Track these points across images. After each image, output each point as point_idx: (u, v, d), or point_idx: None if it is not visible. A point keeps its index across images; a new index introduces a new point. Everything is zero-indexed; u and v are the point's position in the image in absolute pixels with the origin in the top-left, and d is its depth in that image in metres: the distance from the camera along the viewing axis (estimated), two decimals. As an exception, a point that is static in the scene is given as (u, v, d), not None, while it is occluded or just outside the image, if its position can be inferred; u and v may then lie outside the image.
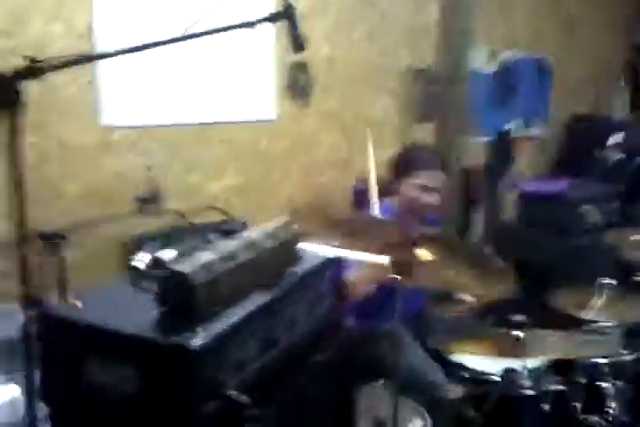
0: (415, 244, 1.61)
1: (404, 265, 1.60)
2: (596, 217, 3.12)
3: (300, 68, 2.74)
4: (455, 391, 1.79)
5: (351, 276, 1.77)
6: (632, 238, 2.46)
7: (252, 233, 1.39)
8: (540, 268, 2.93)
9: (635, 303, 2.26)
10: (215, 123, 2.42)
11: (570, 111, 4.52)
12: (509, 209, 3.58)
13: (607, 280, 2.31)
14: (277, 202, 2.70)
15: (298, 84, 2.74)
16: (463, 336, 2.10)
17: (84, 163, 2.06)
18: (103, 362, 1.15)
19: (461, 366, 1.95)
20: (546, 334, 1.82)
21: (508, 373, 1.71)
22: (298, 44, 1.58)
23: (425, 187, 2.10)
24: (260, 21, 1.52)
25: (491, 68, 3.87)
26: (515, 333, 1.77)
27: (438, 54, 3.52)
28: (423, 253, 1.61)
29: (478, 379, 1.85)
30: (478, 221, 3.45)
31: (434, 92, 3.49)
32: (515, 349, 1.76)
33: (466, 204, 3.52)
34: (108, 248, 2.00)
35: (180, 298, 1.16)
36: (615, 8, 4.80)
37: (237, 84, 2.49)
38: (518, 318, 1.73)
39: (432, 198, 2.11)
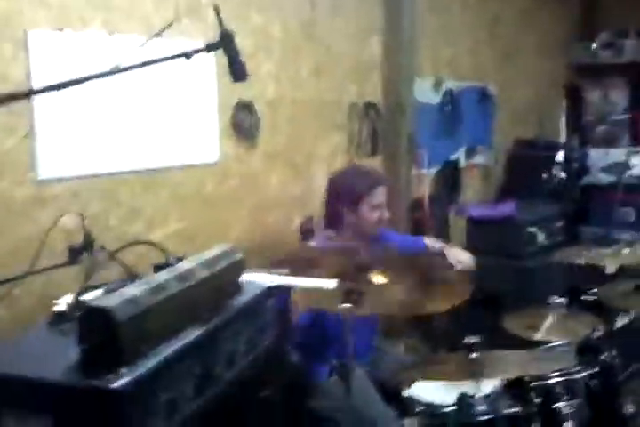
0: (368, 269, 1.63)
1: (357, 293, 1.60)
2: (543, 238, 3.20)
3: (245, 107, 2.75)
4: (411, 425, 1.80)
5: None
6: (588, 252, 2.51)
7: (187, 263, 1.31)
8: (492, 292, 2.97)
9: (585, 321, 2.31)
10: (157, 168, 2.39)
11: (515, 136, 4.64)
12: (459, 236, 3.64)
13: (557, 300, 2.36)
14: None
15: (243, 125, 2.74)
16: (417, 364, 2.13)
17: (16, 217, 2.01)
18: (19, 415, 1.06)
19: (414, 399, 1.96)
20: (500, 355, 1.83)
21: (463, 399, 1.71)
22: (238, 73, 1.50)
23: (381, 204, 2.27)
24: (196, 51, 1.46)
25: (436, 98, 3.95)
26: (469, 355, 1.76)
27: (384, 88, 3.60)
28: (377, 278, 1.61)
29: (433, 410, 1.85)
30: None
31: (381, 125, 3.56)
32: (470, 371, 1.75)
33: (417, 233, 3.56)
34: (40, 303, 1.94)
35: (102, 337, 1.06)
36: (551, 33, 4.99)
37: (179, 126, 2.47)
38: (472, 339, 1.73)
39: (387, 214, 2.30)
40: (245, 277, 1.42)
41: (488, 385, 1.85)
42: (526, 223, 3.17)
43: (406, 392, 2.05)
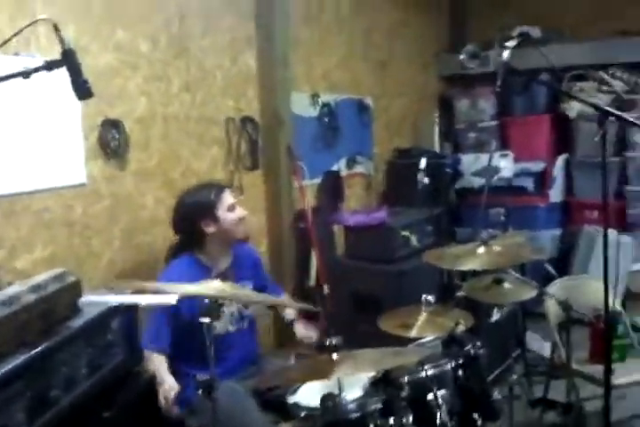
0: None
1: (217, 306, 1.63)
2: (416, 241, 3.36)
3: (113, 125, 2.70)
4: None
5: None
6: (451, 253, 2.63)
7: (13, 288, 1.29)
8: (371, 295, 3.09)
9: (455, 316, 2.44)
10: (21, 193, 2.31)
11: (394, 146, 4.84)
12: (340, 245, 3.75)
13: (428, 298, 2.48)
14: (97, 270, 2.62)
15: (111, 144, 2.69)
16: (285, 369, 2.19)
17: None
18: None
19: (299, 405, 2.01)
20: (363, 353, 1.88)
21: (328, 399, 1.75)
22: (81, 91, 1.49)
23: (234, 204, 2.38)
24: (36, 70, 1.43)
25: (313, 111, 4.06)
26: (332, 355, 1.80)
27: (261, 102, 3.66)
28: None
29: (301, 410, 1.89)
30: (315, 260, 3.56)
31: (260, 139, 3.61)
32: (334, 371, 1.79)
33: (302, 245, 3.64)
34: None
35: None
36: (422, 45, 5.26)
37: (42, 148, 2.39)
38: (334, 340, 1.77)
39: (244, 211, 2.42)
40: (86, 299, 1.41)
41: (358, 383, 1.92)
42: (399, 228, 3.32)
43: (291, 399, 2.09)
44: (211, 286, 1.73)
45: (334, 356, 1.70)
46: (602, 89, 5.02)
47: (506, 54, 2.80)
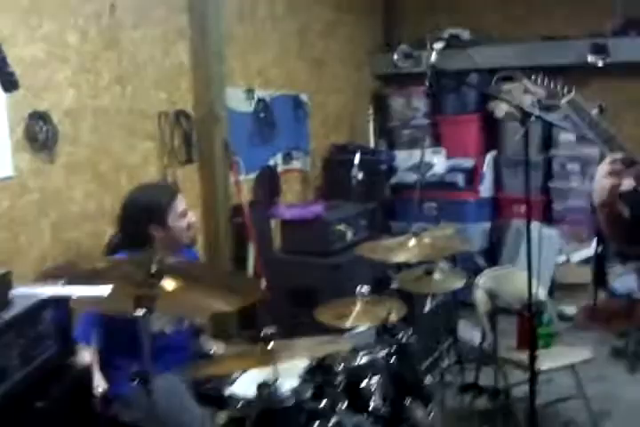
0: (159, 276, 1.65)
1: (147, 298, 1.61)
2: (351, 235, 3.42)
3: (40, 118, 2.63)
4: (219, 418, 1.85)
5: None
6: (384, 246, 2.69)
7: None
8: (308, 288, 3.12)
9: (388, 306, 2.49)
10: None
11: (330, 142, 4.89)
12: (277, 239, 3.76)
13: (363, 289, 2.53)
14: (25, 266, 2.53)
15: (38, 136, 2.62)
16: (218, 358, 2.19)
17: None
18: None
19: (222, 395, 2.01)
20: (297, 343, 1.91)
21: (263, 388, 1.76)
22: (8, 83, 1.47)
23: (185, 211, 2.32)
24: None
25: (249, 107, 4.05)
26: (267, 345, 1.81)
27: (194, 96, 3.63)
28: (168, 284, 1.63)
29: (238, 401, 1.90)
30: (252, 255, 3.56)
31: (195, 133, 3.58)
32: (269, 360, 1.81)
33: (239, 240, 3.63)
34: None
35: None
36: (358, 44, 5.34)
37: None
38: (269, 330, 1.79)
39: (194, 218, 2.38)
40: (17, 291, 1.38)
41: (293, 372, 1.94)
42: (334, 222, 3.37)
43: (228, 390, 2.09)
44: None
45: (270, 345, 1.72)
46: (528, 90, 5.22)
47: (433, 56, 2.89)
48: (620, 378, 3.63)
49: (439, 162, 4.95)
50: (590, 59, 4.79)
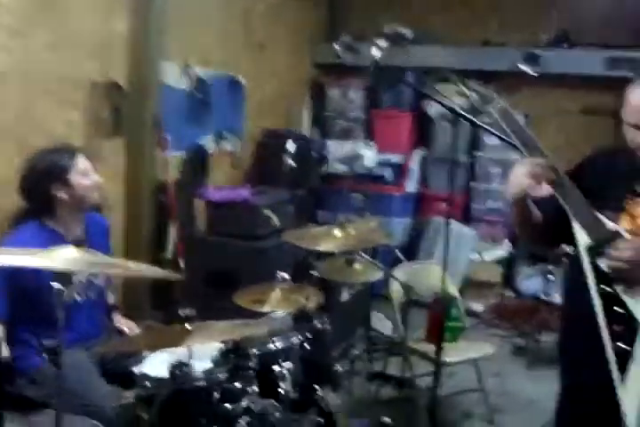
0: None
1: None
2: (277, 220, 3.44)
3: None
4: (126, 398, 1.84)
5: None
6: (309, 234, 2.72)
7: None
8: (230, 270, 3.11)
9: (307, 293, 2.53)
10: None
11: (263, 126, 4.88)
12: (202, 220, 3.73)
13: (283, 275, 2.56)
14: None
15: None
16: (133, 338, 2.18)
17: None
18: None
19: (145, 375, 2.00)
20: (213, 324, 1.91)
21: (176, 368, 1.77)
22: None
23: (88, 169, 2.29)
24: None
25: (183, 84, 3.98)
26: (183, 325, 1.81)
27: (128, 68, 3.53)
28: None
29: (148, 379, 1.89)
30: (173, 234, 3.53)
31: (125, 106, 3.49)
32: (184, 341, 1.81)
33: (161, 218, 3.58)
34: None
35: None
36: (300, 32, 5.32)
37: None
38: (186, 311, 1.79)
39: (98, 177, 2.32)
40: None
41: (207, 354, 1.95)
42: (261, 206, 3.37)
43: (137, 369, 2.08)
44: (67, 254, 1.66)
45: (186, 326, 1.72)
46: (461, 92, 5.38)
47: (377, 52, 2.94)
48: (518, 375, 3.84)
49: (369, 155, 5.03)
50: (521, 67, 4.98)
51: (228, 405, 1.78)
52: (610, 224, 1.59)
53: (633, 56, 4.75)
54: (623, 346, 1.54)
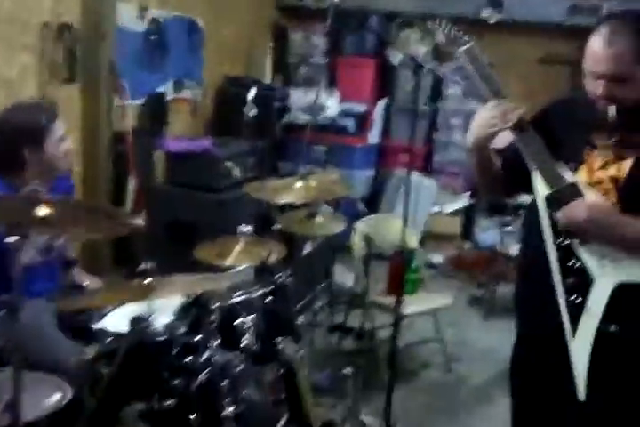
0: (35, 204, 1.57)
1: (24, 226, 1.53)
2: (239, 172, 3.37)
3: None
4: (87, 353, 1.82)
5: None
6: (270, 186, 2.67)
7: None
8: (190, 223, 3.06)
9: (269, 247, 2.51)
10: None
11: (224, 73, 4.72)
12: (161, 171, 3.64)
13: (245, 228, 2.53)
14: None
15: None
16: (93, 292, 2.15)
17: None
18: None
19: (104, 331, 1.99)
20: (175, 279, 1.89)
21: (136, 322, 1.75)
22: None
23: (64, 136, 2.16)
24: None
25: (140, 26, 3.79)
26: (144, 280, 1.79)
27: (81, 9, 3.34)
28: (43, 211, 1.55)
29: (109, 335, 1.89)
30: (132, 186, 3.43)
31: (79, 50, 3.31)
32: (145, 295, 1.79)
33: (119, 169, 3.47)
34: None
35: None
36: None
37: None
38: (147, 265, 1.76)
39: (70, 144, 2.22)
40: None
41: (168, 308, 1.94)
42: (222, 158, 3.29)
43: (98, 324, 2.06)
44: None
45: (147, 280, 1.69)
46: (425, 39, 5.29)
47: (337, -5, 2.82)
48: (475, 324, 3.96)
49: (332, 104, 4.94)
50: (485, 12, 4.90)
51: (189, 358, 1.77)
52: (569, 175, 1.57)
53: (595, 4, 4.73)
54: (575, 298, 1.56)
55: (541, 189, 1.59)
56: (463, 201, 5.01)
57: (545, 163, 1.57)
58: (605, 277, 1.54)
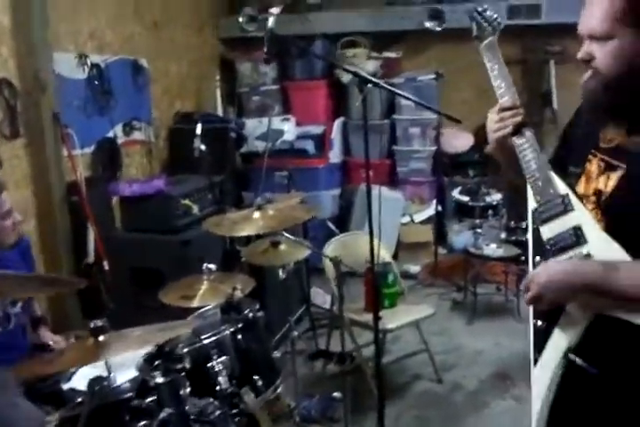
0: None
1: None
2: (198, 209, 3.30)
3: None
4: (52, 418, 1.75)
5: None
6: (229, 219, 2.63)
7: None
8: (152, 269, 3.00)
9: (237, 281, 2.46)
10: None
11: (174, 111, 4.70)
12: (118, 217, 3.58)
13: (209, 266, 2.48)
14: None
15: None
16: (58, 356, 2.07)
17: None
18: None
19: (75, 391, 1.91)
20: (129, 332, 1.82)
21: (95, 383, 1.68)
22: None
23: (10, 210, 2.08)
24: None
25: (80, 74, 3.76)
26: (97, 338, 1.72)
27: (18, 63, 3.31)
28: None
29: (79, 394, 1.80)
30: (91, 235, 3.37)
31: (21, 105, 3.27)
32: (102, 352, 1.72)
33: (77, 220, 3.41)
34: None
35: None
36: (200, 7, 5.12)
37: None
38: (98, 322, 1.69)
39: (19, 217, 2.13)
40: None
41: (131, 362, 1.87)
42: (178, 196, 3.23)
43: (67, 385, 1.99)
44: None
45: (101, 338, 1.63)
46: (371, 55, 5.34)
47: (271, 21, 2.83)
48: (459, 330, 3.92)
49: (289, 129, 4.94)
50: (427, 24, 4.97)
51: (162, 413, 1.68)
52: (561, 188, 1.39)
53: (531, 3, 4.81)
54: (542, 324, 1.38)
55: (531, 199, 1.43)
56: (431, 209, 5.00)
57: (536, 171, 1.41)
58: (579, 306, 1.30)
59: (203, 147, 3.07)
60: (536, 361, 1.37)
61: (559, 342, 1.34)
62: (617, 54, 1.26)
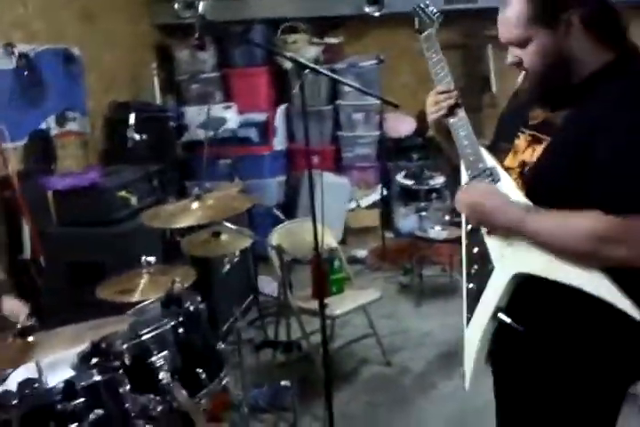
0: None
1: None
2: (136, 200, 3.21)
3: None
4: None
5: None
6: (167, 211, 2.56)
7: None
8: (91, 263, 2.92)
9: (178, 274, 2.41)
10: None
11: (110, 100, 4.56)
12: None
13: (149, 259, 2.42)
14: None
15: None
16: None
17: None
18: None
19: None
20: (64, 331, 1.76)
21: (25, 386, 1.61)
22: None
23: None
24: None
25: (8, 64, 3.60)
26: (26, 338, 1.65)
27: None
28: None
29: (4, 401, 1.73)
30: (27, 233, 3.25)
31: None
32: (31, 354, 1.65)
33: (11, 216, 3.28)
34: None
35: None
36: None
37: None
38: (26, 322, 1.62)
39: None
40: None
41: (64, 364, 1.81)
42: (114, 188, 3.13)
43: (3, 386, 1.91)
44: None
45: (30, 338, 1.56)
46: (312, 41, 5.29)
47: (202, 6, 2.76)
48: (407, 313, 3.96)
49: (231, 117, 4.86)
50: (367, 9, 4.95)
51: (92, 415, 1.62)
52: (489, 161, 1.48)
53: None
54: (473, 287, 1.52)
55: (464, 175, 1.53)
56: (377, 193, 5.03)
57: (467, 148, 1.50)
58: (503, 267, 1.44)
59: (137, 136, 2.99)
60: (469, 321, 1.53)
61: (488, 302, 1.46)
62: (540, 53, 1.36)
